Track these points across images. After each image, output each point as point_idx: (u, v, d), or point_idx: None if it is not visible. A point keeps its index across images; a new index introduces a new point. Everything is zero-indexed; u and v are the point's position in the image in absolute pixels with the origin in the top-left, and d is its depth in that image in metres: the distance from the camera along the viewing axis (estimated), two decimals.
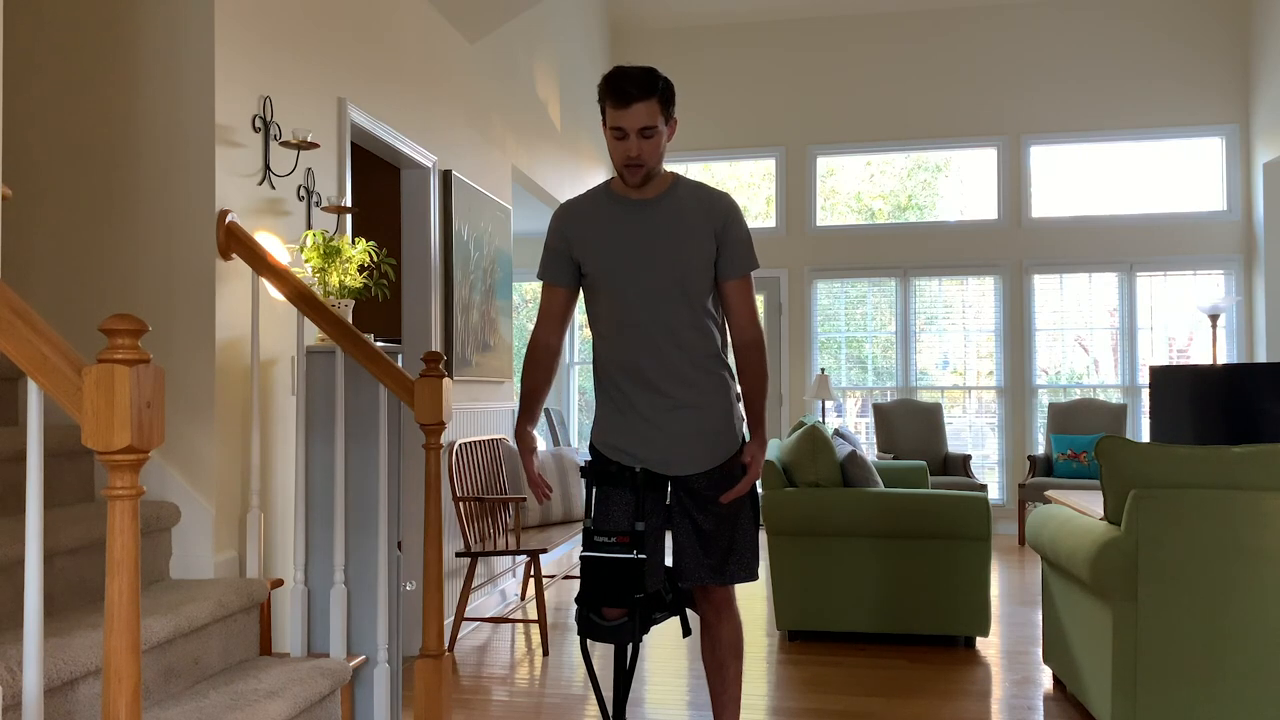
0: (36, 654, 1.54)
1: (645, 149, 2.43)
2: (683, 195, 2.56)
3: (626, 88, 2.38)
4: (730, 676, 2.68)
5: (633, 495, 2.53)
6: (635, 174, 2.47)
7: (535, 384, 2.65)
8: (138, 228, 2.79)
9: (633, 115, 2.39)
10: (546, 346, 2.67)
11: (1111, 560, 2.92)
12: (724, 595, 2.65)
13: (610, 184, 2.60)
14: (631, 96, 2.38)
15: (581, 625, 2.55)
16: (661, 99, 2.42)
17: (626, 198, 2.55)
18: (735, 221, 2.56)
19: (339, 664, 2.63)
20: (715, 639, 2.68)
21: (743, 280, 2.58)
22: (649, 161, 2.45)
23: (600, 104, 2.46)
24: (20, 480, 2.48)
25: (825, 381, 7.60)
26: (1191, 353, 7.83)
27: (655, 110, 2.41)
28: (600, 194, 2.60)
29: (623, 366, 2.55)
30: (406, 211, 4.50)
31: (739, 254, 2.57)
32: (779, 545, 4.44)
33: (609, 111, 2.43)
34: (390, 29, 4.06)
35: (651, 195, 2.54)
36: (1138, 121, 7.80)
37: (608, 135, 2.47)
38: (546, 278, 2.64)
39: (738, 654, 2.69)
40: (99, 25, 2.81)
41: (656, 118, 2.41)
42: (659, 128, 2.42)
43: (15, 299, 1.51)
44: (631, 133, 2.41)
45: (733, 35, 8.40)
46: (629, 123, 2.40)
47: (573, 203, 2.63)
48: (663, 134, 2.45)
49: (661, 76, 2.43)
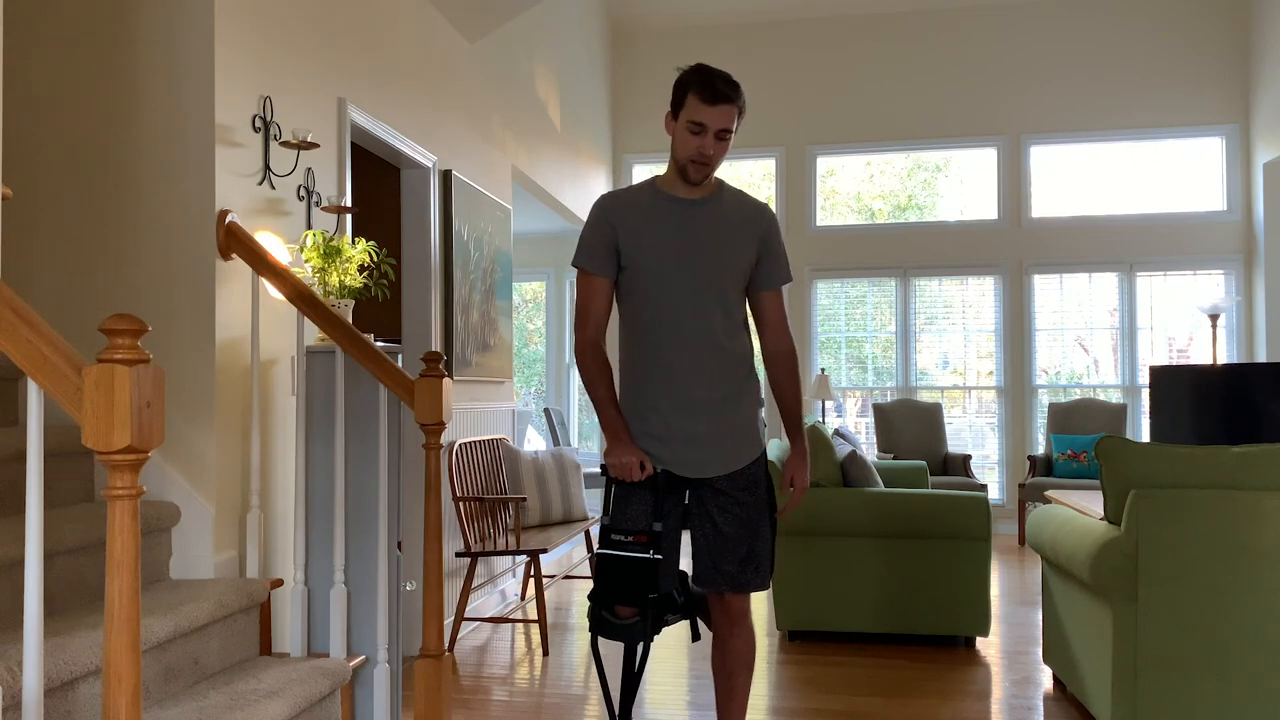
0: (36, 654, 1.54)
1: (718, 150, 2.45)
2: (729, 200, 2.57)
3: (719, 86, 2.40)
4: (738, 687, 2.65)
5: (652, 495, 2.50)
6: (701, 171, 2.47)
7: (606, 381, 2.53)
8: (138, 228, 2.79)
9: (718, 114, 2.41)
10: (596, 344, 2.54)
11: (1111, 560, 2.92)
12: (740, 606, 2.62)
13: (656, 181, 2.58)
14: (722, 96, 2.40)
15: (593, 622, 2.52)
16: (740, 109, 2.46)
17: (676, 196, 2.54)
18: (777, 232, 2.61)
19: (339, 664, 2.63)
20: (726, 649, 2.65)
21: (779, 291, 2.62)
22: (717, 162, 2.48)
23: (679, 95, 2.46)
24: (20, 480, 2.48)
25: (825, 381, 7.60)
26: (1191, 353, 7.83)
27: (735, 116, 2.44)
28: (647, 189, 2.58)
29: (653, 366, 2.52)
30: (406, 211, 4.50)
31: (781, 264, 2.61)
32: (779, 545, 4.43)
33: (693, 104, 2.42)
34: (390, 29, 4.06)
35: (699, 196, 2.54)
36: (1138, 121, 7.80)
37: (679, 128, 2.46)
38: (593, 268, 2.54)
39: (748, 667, 2.66)
40: (99, 25, 2.81)
41: (734, 122, 2.44)
42: (732, 134, 2.46)
43: (15, 299, 1.51)
44: (711, 131, 2.42)
45: (733, 35, 8.40)
46: (712, 120, 2.41)
47: (620, 193, 2.59)
48: (730, 140, 2.48)
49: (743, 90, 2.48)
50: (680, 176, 2.51)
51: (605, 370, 2.54)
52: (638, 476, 2.46)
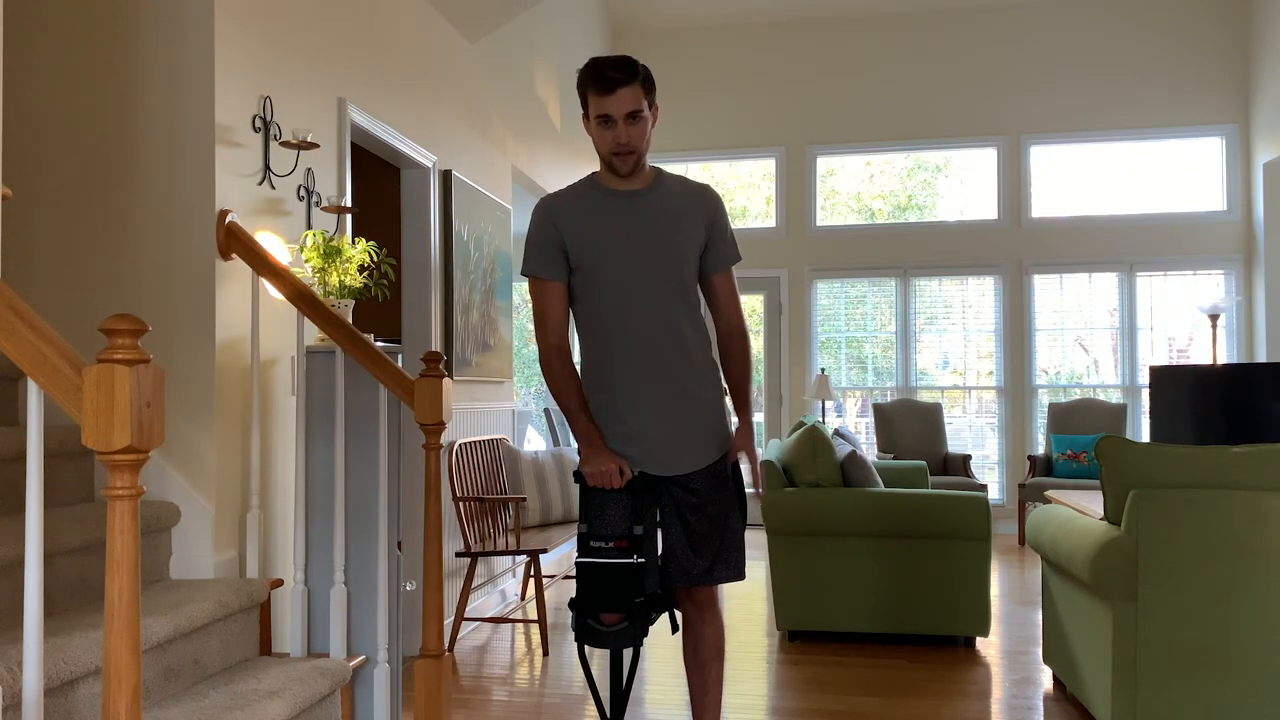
0: (36, 654, 1.54)
1: (633, 134, 2.41)
2: (671, 186, 2.54)
3: (608, 73, 2.36)
4: (712, 678, 2.65)
5: (630, 499, 2.48)
6: (626, 161, 2.44)
7: (575, 389, 2.52)
8: (138, 228, 2.79)
9: (618, 101, 2.37)
10: (562, 350, 2.53)
11: (1111, 560, 2.92)
12: (709, 595, 2.63)
13: (594, 177, 2.54)
14: (615, 81, 2.36)
15: (579, 631, 2.48)
16: (644, 83, 2.40)
17: (614, 190, 2.50)
18: (723, 213, 2.59)
19: (339, 664, 2.63)
20: (698, 638, 2.64)
21: (729, 271, 2.61)
22: (638, 147, 2.43)
23: (581, 96, 2.43)
24: (20, 480, 2.48)
25: (825, 381, 7.60)
26: (1191, 353, 7.83)
27: (639, 94, 2.39)
28: (585, 187, 2.53)
29: (618, 365, 2.49)
30: (406, 211, 4.50)
31: (730, 246, 2.60)
32: (779, 545, 4.43)
33: (593, 100, 2.40)
34: (390, 29, 4.06)
35: (640, 186, 2.51)
36: (1138, 121, 7.80)
37: (592, 127, 2.43)
38: (542, 273, 2.50)
39: (720, 655, 2.66)
40: (99, 25, 2.81)
41: (641, 101, 2.39)
42: (644, 112, 2.41)
43: (15, 299, 1.51)
44: (619, 119, 2.39)
45: (733, 35, 8.40)
46: (615, 108, 2.38)
47: (556, 196, 2.54)
48: (648, 120, 2.43)
49: (639, 63, 2.42)
50: (611, 171, 2.48)
51: (573, 377, 2.52)
52: (618, 483, 2.44)
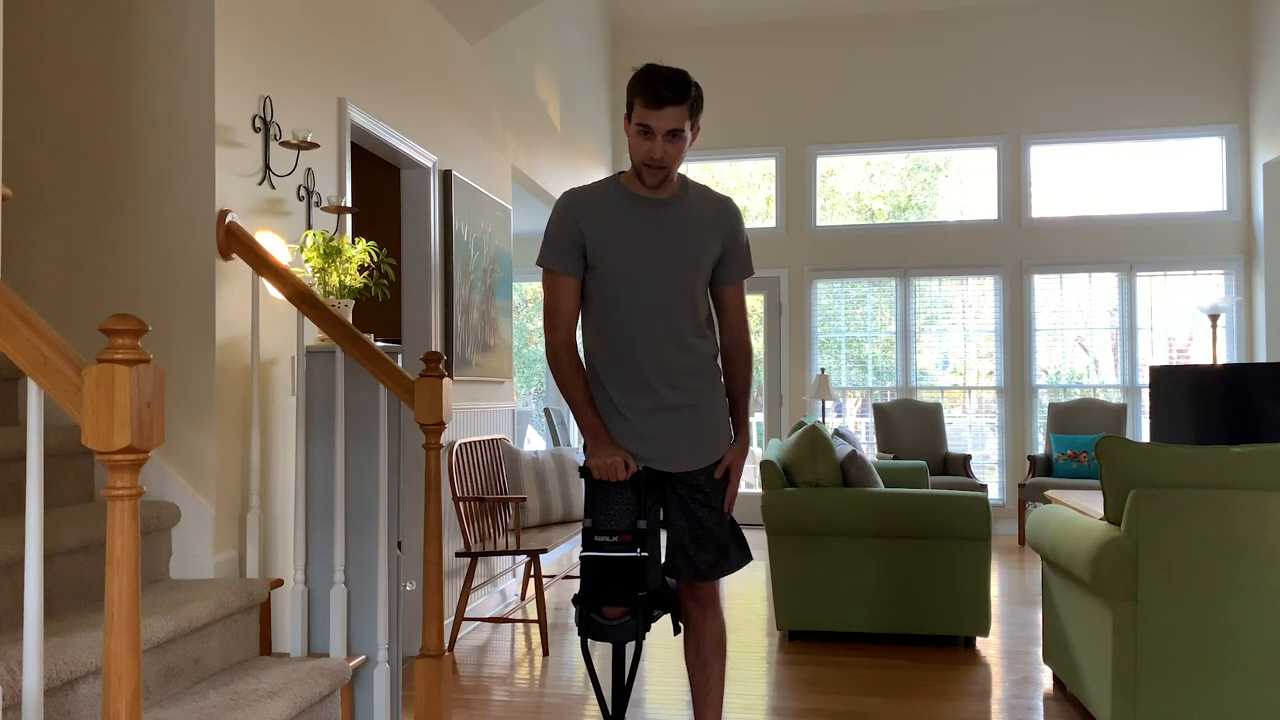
0: (36, 654, 1.54)
1: (670, 152, 2.40)
2: (694, 197, 2.55)
3: (660, 89, 2.34)
4: (714, 677, 2.66)
5: (634, 494, 2.51)
6: (655, 175, 2.44)
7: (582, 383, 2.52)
8: (138, 228, 2.79)
9: (663, 117, 2.36)
10: (570, 345, 2.54)
11: (1111, 560, 2.92)
12: (710, 591, 2.65)
13: (620, 179, 2.54)
14: (665, 99, 2.34)
15: (582, 625, 2.52)
16: (692, 106, 2.38)
17: (640, 196, 2.51)
18: (742, 228, 2.60)
19: (339, 664, 2.63)
20: (700, 636, 2.66)
21: (741, 285, 2.63)
22: (671, 165, 2.43)
23: (629, 98, 2.42)
24: (20, 480, 2.48)
25: (825, 381, 7.60)
26: (1191, 353, 7.83)
27: (684, 115, 2.37)
28: (610, 187, 2.53)
29: (625, 364, 2.51)
30: (406, 211, 4.50)
31: (744, 259, 2.62)
32: (779, 545, 4.43)
33: (639, 109, 2.38)
34: (390, 29, 4.06)
35: (665, 195, 2.52)
36: (1138, 121, 7.80)
37: (631, 129, 2.42)
38: (559, 267, 2.50)
39: (722, 653, 2.68)
40: (99, 25, 2.81)
41: (684, 122, 2.38)
42: (685, 133, 2.40)
43: (15, 299, 1.51)
44: (659, 134, 2.37)
45: (733, 35, 8.40)
46: (658, 124, 2.36)
47: (581, 192, 2.54)
48: (687, 139, 2.42)
49: (694, 83, 2.39)
50: (638, 179, 2.48)
51: (580, 372, 2.53)
52: (622, 476, 2.46)
